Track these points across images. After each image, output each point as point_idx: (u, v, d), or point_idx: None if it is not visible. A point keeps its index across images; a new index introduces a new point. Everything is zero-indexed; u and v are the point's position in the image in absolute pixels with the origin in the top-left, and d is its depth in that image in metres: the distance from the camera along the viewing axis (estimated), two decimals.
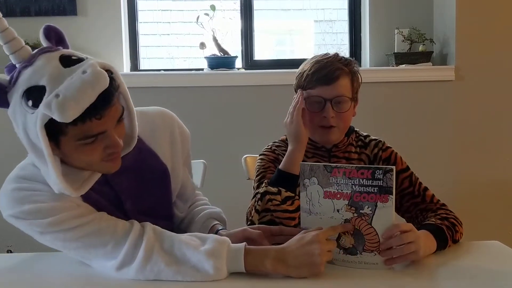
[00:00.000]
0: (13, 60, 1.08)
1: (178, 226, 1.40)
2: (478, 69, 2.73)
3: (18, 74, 1.05)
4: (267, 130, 2.26)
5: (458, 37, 2.69)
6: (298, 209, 1.28)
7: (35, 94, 1.01)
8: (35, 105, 1.01)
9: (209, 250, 1.10)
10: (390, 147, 1.50)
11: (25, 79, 1.03)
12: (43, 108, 0.99)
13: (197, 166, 1.75)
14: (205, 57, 2.78)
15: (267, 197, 1.32)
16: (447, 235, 1.28)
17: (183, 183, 1.38)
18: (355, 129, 1.53)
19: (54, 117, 0.98)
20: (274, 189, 1.32)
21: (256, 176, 1.48)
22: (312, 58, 1.45)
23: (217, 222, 1.39)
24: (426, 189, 1.48)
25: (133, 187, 1.24)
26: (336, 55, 1.44)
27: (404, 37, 2.77)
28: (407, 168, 1.48)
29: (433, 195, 1.47)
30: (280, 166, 1.37)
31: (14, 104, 1.05)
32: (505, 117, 2.78)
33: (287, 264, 1.09)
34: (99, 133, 1.06)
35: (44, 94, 1.00)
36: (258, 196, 1.34)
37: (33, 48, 1.09)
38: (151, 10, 2.99)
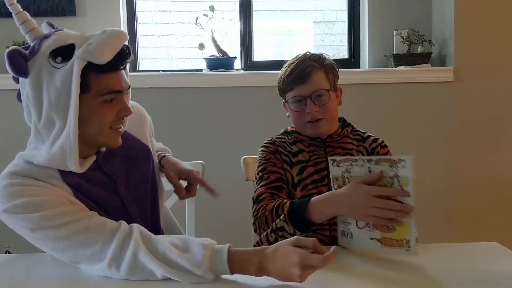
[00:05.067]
0: (28, 38, 1.19)
1: None
2: (477, 70, 2.73)
3: (39, 44, 1.15)
4: (266, 131, 2.26)
5: (457, 38, 2.69)
6: None
7: (63, 51, 1.13)
8: (66, 59, 1.12)
9: (190, 260, 1.08)
10: (387, 147, 1.56)
11: (50, 44, 1.14)
12: (81, 54, 1.10)
13: (196, 167, 1.75)
14: (204, 58, 2.78)
15: (281, 233, 1.30)
16: None
17: None
18: (352, 124, 1.59)
19: (91, 59, 1.10)
20: (291, 230, 1.28)
21: (258, 167, 1.54)
22: (286, 62, 1.54)
23: (159, 152, 1.53)
24: None
25: (123, 170, 1.31)
26: (306, 54, 1.52)
27: (403, 39, 2.77)
28: None
29: None
30: (311, 206, 1.27)
31: (39, 68, 1.13)
32: (504, 118, 2.78)
33: (269, 272, 1.07)
34: (117, 91, 1.18)
35: (73, 50, 1.12)
36: (273, 227, 1.32)
37: None
38: (150, 11, 2.99)
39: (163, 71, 2.89)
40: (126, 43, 1.20)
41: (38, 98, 1.15)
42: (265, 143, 1.58)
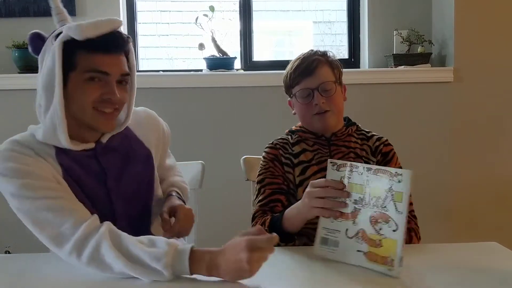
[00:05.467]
0: (57, 26, 1.28)
1: None
2: (476, 71, 2.74)
3: (55, 30, 1.26)
4: (266, 131, 2.28)
5: (457, 38, 2.69)
6: None
7: (61, 32, 1.22)
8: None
9: (152, 253, 1.10)
10: (391, 145, 1.58)
11: (60, 28, 1.25)
12: (65, 29, 1.20)
13: (196, 167, 1.75)
14: (204, 58, 2.78)
15: None
16: None
17: (161, 166, 1.53)
18: (357, 124, 1.60)
19: (71, 34, 1.18)
20: None
21: (258, 175, 1.56)
22: (291, 61, 1.58)
23: (174, 188, 1.50)
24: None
25: (118, 166, 1.33)
26: (311, 50, 1.56)
27: (403, 39, 2.77)
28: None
29: (411, 203, 1.47)
30: (284, 218, 1.35)
31: (45, 47, 1.25)
32: (504, 118, 2.78)
33: (220, 270, 1.09)
34: (103, 72, 1.21)
35: None
36: None
37: None
38: (150, 11, 2.99)
39: (163, 71, 2.89)
40: (122, 30, 1.27)
41: (40, 73, 1.25)
42: (266, 147, 1.59)
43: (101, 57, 1.21)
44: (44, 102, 1.23)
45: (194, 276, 1.11)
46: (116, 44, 1.24)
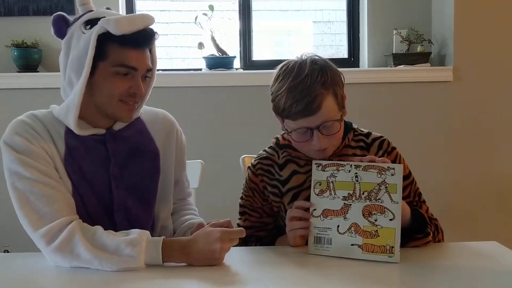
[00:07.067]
0: (80, 10, 1.30)
1: (159, 233, 1.41)
2: (476, 70, 2.73)
3: (82, 15, 1.28)
4: (265, 130, 2.27)
5: (457, 38, 2.69)
6: None
7: (94, 21, 1.23)
8: (92, 27, 1.22)
9: (127, 239, 1.17)
10: (395, 148, 1.43)
11: (89, 15, 1.26)
12: (102, 22, 1.20)
13: (195, 166, 1.75)
14: (203, 57, 2.78)
15: None
16: (427, 220, 1.31)
17: (179, 183, 1.49)
18: (354, 126, 1.43)
19: (109, 28, 1.19)
20: None
21: (240, 198, 1.50)
22: (281, 78, 1.30)
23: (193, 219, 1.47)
24: (424, 201, 1.43)
25: (124, 156, 1.33)
26: (310, 73, 1.25)
27: (403, 38, 2.77)
28: (409, 175, 1.41)
29: (427, 208, 1.42)
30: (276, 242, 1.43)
31: (72, 32, 1.26)
32: (503, 118, 2.78)
33: (190, 257, 1.17)
34: (132, 67, 1.24)
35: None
36: None
37: (31, 47, 1.16)
38: (149, 11, 2.99)
39: (163, 70, 2.88)
40: (153, 27, 1.29)
41: (65, 58, 1.26)
42: (249, 167, 1.47)
43: (131, 52, 1.24)
44: (67, 84, 1.26)
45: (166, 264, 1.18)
46: (146, 40, 1.27)
